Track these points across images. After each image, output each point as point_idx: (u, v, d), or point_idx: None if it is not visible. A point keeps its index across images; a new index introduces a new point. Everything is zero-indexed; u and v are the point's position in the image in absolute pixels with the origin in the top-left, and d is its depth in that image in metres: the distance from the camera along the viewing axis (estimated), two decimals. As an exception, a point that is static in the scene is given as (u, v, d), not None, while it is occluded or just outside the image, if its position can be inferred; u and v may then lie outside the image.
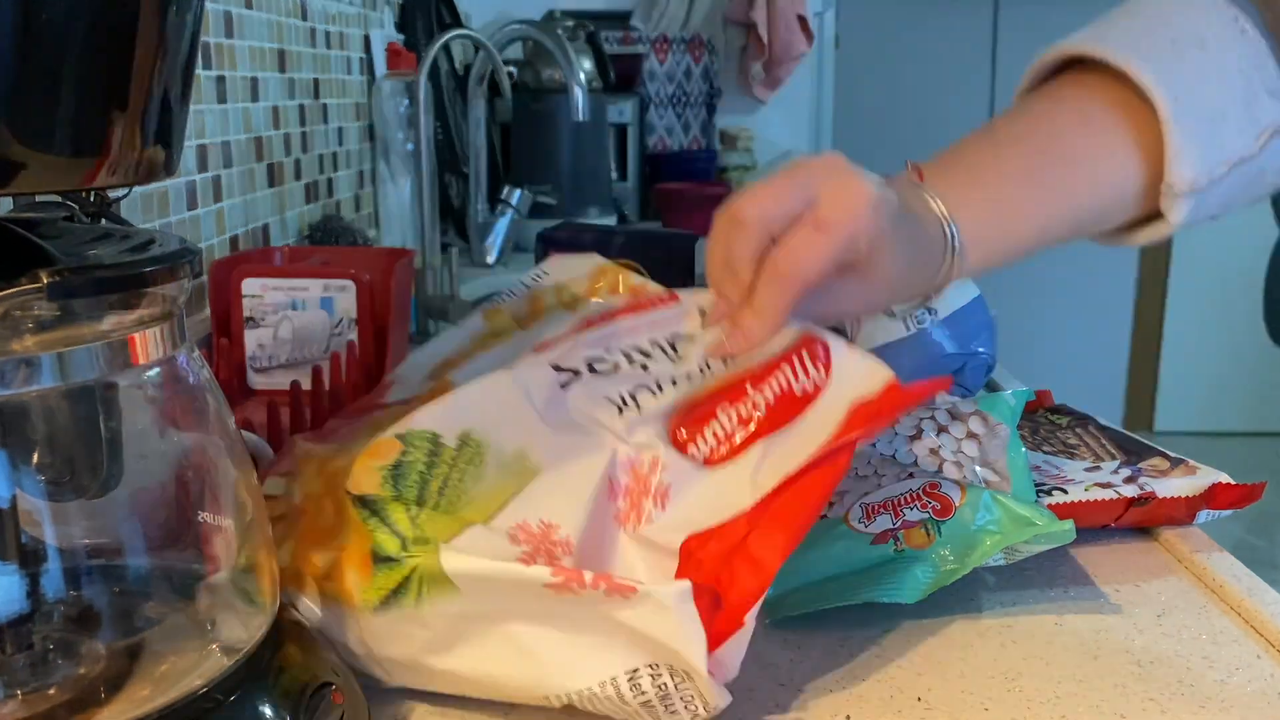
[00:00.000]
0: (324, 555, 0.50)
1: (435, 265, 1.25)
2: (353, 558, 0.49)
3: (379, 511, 0.49)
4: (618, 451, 0.52)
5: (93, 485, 0.43)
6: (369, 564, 0.48)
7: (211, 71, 1.13)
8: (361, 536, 0.49)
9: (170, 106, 0.41)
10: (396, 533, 0.48)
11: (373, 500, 0.49)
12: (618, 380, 0.55)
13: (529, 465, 0.51)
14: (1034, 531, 0.58)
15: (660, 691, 0.46)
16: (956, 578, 0.58)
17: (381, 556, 0.48)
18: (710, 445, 0.52)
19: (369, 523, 0.49)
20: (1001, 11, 3.82)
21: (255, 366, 1.01)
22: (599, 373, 0.56)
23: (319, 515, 0.52)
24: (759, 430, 0.52)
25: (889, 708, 0.51)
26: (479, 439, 0.51)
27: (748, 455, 0.51)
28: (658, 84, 2.27)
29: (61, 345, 0.38)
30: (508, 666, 0.48)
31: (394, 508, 0.49)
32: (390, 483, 0.49)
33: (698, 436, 0.52)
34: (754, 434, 0.52)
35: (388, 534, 0.48)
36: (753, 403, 0.52)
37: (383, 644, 0.49)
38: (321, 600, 0.51)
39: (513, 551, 0.48)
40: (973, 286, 0.95)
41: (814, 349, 0.54)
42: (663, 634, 0.44)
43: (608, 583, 0.45)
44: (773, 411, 0.52)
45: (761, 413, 0.52)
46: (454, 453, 0.51)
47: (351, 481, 0.50)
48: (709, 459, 0.52)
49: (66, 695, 0.41)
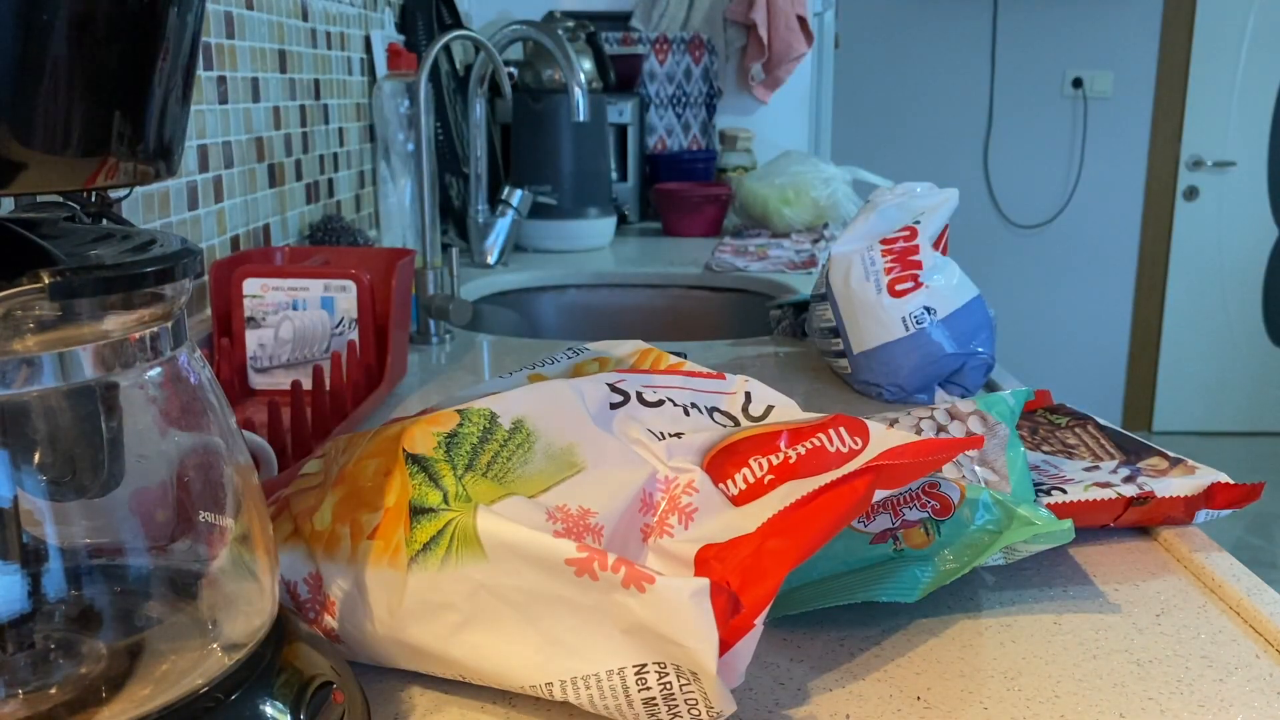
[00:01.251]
0: (365, 512, 0.52)
1: (436, 265, 1.25)
2: (395, 510, 0.51)
3: (428, 469, 0.52)
4: (658, 471, 0.55)
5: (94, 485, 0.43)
6: (408, 516, 0.51)
7: (212, 72, 1.13)
8: (405, 491, 0.51)
9: (171, 107, 0.41)
10: (440, 487, 0.51)
11: (424, 459, 0.52)
12: (660, 415, 0.59)
13: (576, 460, 0.53)
14: (1033, 531, 0.58)
15: (665, 690, 0.46)
16: (956, 577, 0.58)
17: (422, 508, 0.51)
18: (740, 488, 0.55)
19: (416, 478, 0.51)
20: (1001, 11, 3.82)
21: (256, 366, 1.01)
22: (647, 403, 0.59)
23: (360, 475, 0.54)
24: (786, 475, 0.54)
25: (888, 707, 0.51)
26: (531, 428, 0.55)
27: (772, 494, 0.53)
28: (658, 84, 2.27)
29: (63, 345, 0.38)
30: (518, 644, 0.49)
31: (443, 468, 0.52)
32: (444, 448, 0.53)
33: (728, 480, 0.55)
34: (780, 479, 0.54)
35: (432, 488, 0.51)
36: (785, 456, 0.55)
37: (406, 618, 0.50)
38: (355, 564, 0.52)
39: (547, 527, 0.50)
40: (972, 286, 0.95)
41: (853, 425, 0.57)
42: (676, 630, 0.45)
43: (628, 568, 0.46)
44: (803, 462, 0.55)
45: (792, 462, 0.55)
46: (506, 434, 0.54)
47: (407, 439, 0.53)
48: (736, 499, 0.54)
49: (67, 694, 0.41)
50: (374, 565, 0.51)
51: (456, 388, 1.06)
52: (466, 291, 1.60)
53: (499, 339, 1.28)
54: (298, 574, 0.54)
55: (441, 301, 1.22)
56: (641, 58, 2.24)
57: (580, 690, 0.48)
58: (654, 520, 0.53)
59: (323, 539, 0.54)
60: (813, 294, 1.07)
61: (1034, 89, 3.87)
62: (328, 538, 0.53)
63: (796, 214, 1.93)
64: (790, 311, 1.25)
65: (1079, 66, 3.84)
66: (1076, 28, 3.81)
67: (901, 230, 0.97)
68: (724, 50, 2.34)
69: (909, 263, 0.94)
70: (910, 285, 0.94)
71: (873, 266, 0.95)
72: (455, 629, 0.50)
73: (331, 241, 1.38)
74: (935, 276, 0.94)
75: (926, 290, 0.93)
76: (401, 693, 0.53)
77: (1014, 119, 3.90)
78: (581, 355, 0.70)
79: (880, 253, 0.96)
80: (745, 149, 2.31)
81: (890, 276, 0.94)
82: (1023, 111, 3.89)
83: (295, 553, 0.55)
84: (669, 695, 0.46)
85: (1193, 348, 4.04)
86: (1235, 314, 4.01)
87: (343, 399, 0.91)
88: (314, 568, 0.54)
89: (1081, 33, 3.81)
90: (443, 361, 1.17)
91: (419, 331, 1.25)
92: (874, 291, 0.94)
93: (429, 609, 0.50)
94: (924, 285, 0.93)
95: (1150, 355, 4.06)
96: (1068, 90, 3.86)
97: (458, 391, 0.68)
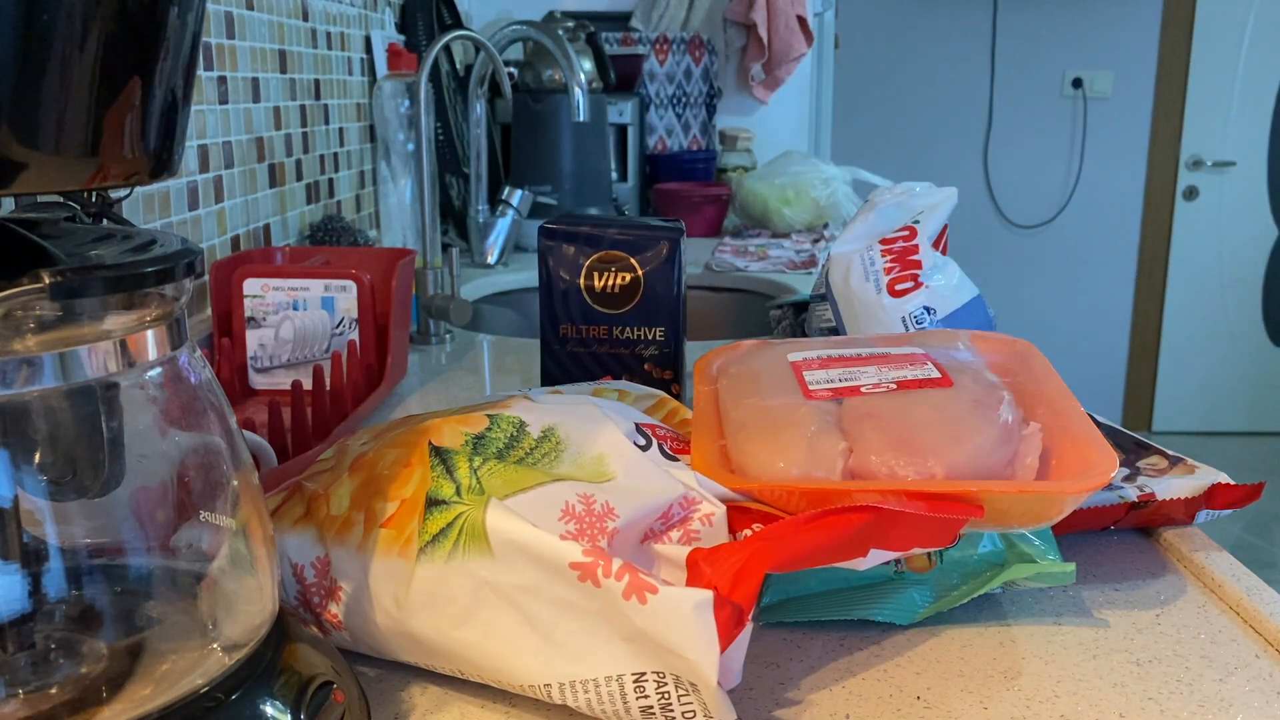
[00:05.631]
0: (380, 500, 0.53)
1: (436, 265, 1.25)
2: (411, 501, 0.52)
3: (447, 460, 0.52)
4: (689, 492, 0.55)
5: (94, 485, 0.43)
6: (423, 508, 0.51)
7: (213, 72, 1.13)
8: (425, 483, 0.52)
9: (172, 107, 0.41)
10: (454, 479, 0.51)
11: (445, 450, 0.53)
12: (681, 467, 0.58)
13: (607, 470, 0.53)
14: (1035, 570, 0.58)
15: (663, 700, 0.46)
16: (953, 605, 0.58)
17: (436, 499, 0.51)
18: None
19: (435, 469, 0.52)
20: (1001, 11, 3.82)
21: (256, 366, 1.02)
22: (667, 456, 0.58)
23: (379, 464, 0.55)
24: None
25: (888, 707, 0.51)
26: (561, 436, 0.55)
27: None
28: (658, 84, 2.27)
29: (63, 345, 0.38)
30: (518, 644, 0.49)
31: (459, 459, 0.52)
32: (470, 446, 0.53)
33: (740, 531, 0.55)
34: None
35: (447, 479, 0.52)
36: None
37: (412, 609, 0.50)
38: (365, 551, 0.52)
39: (557, 528, 0.49)
40: (972, 286, 0.95)
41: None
42: (677, 641, 0.45)
43: (631, 574, 0.46)
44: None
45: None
46: (534, 441, 0.54)
47: (435, 433, 0.54)
48: None
49: (68, 694, 0.41)
50: (384, 554, 0.51)
51: (457, 388, 1.06)
52: (466, 291, 1.60)
53: (499, 339, 1.28)
54: (306, 557, 0.54)
55: (441, 301, 1.22)
56: (641, 58, 2.24)
57: (579, 694, 0.48)
58: (659, 528, 0.53)
59: (336, 524, 0.54)
60: (813, 294, 1.07)
61: (1034, 89, 3.87)
62: (341, 522, 0.54)
63: (796, 214, 1.93)
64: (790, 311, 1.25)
65: (1079, 66, 3.84)
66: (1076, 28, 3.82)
67: (901, 230, 0.97)
68: (724, 50, 2.34)
69: (909, 262, 0.94)
70: (910, 285, 0.93)
71: (872, 266, 0.95)
72: (457, 624, 0.50)
73: (332, 241, 1.38)
74: (935, 276, 0.94)
75: (926, 290, 0.93)
76: (401, 692, 0.53)
77: (1014, 119, 3.90)
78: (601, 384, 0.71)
79: (880, 253, 0.96)
80: (745, 149, 2.31)
81: (890, 276, 0.94)
82: (1022, 111, 3.89)
83: (305, 535, 0.55)
84: (666, 705, 0.46)
85: (1193, 348, 4.05)
86: (1235, 314, 4.00)
87: (343, 399, 0.91)
88: (323, 551, 0.54)
89: (1081, 33, 3.81)
90: (443, 361, 1.17)
91: (419, 331, 1.25)
92: (874, 291, 0.94)
93: (434, 602, 0.50)
94: (924, 285, 0.93)
95: (1150, 355, 4.06)
96: (1068, 90, 3.86)
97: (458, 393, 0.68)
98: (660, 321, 0.85)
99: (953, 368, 0.63)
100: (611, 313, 0.85)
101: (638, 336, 0.85)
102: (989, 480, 0.55)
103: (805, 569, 0.51)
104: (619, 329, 0.85)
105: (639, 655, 0.46)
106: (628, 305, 0.85)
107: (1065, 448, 0.57)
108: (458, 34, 1.28)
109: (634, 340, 0.85)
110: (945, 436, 0.56)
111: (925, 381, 0.61)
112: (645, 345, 0.85)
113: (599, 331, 0.85)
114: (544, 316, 0.86)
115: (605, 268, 0.84)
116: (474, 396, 1.03)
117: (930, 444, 0.56)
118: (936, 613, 0.58)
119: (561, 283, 0.85)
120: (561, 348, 0.86)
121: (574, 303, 0.85)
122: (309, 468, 0.60)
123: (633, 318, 0.85)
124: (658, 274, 0.84)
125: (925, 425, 0.57)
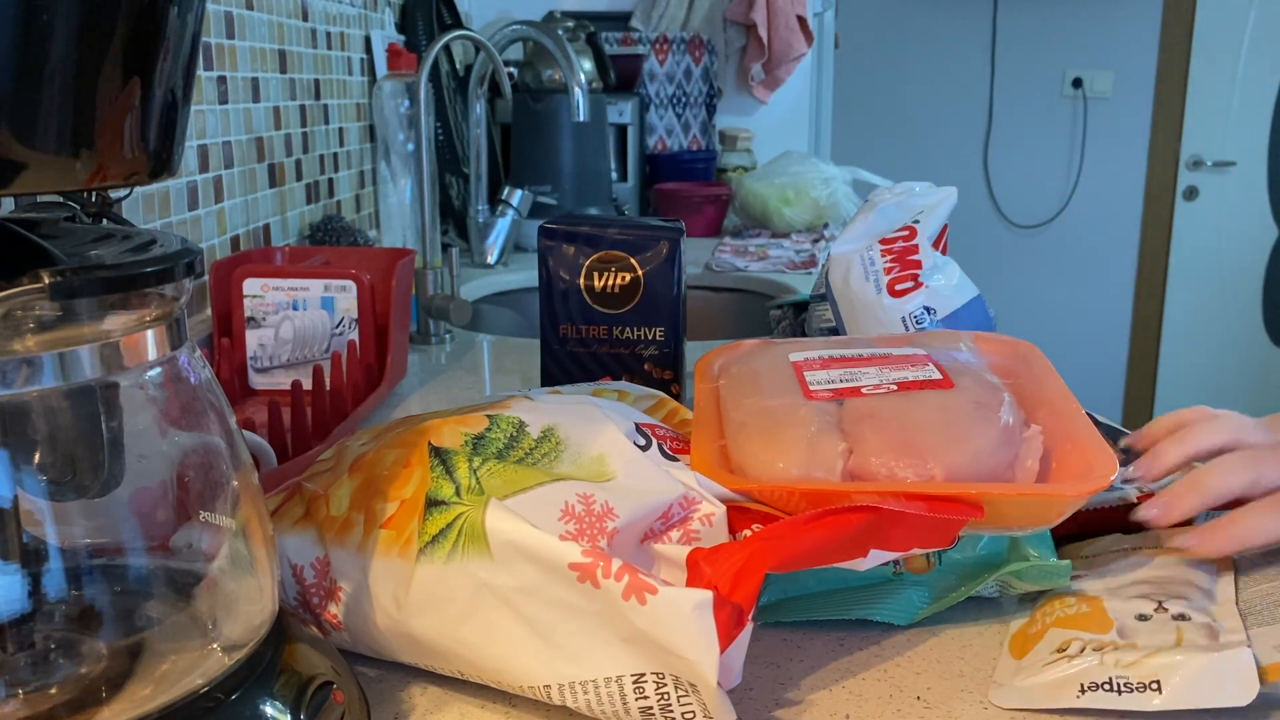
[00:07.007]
0: (380, 501, 0.53)
1: (436, 265, 1.25)
2: (411, 502, 0.52)
3: (447, 461, 0.52)
4: (689, 492, 0.54)
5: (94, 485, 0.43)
6: (423, 508, 0.51)
7: (213, 72, 1.13)
8: (425, 484, 0.52)
9: (172, 107, 0.41)
10: (454, 480, 0.51)
11: (445, 450, 0.53)
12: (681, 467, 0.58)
13: (606, 470, 0.53)
14: (1028, 566, 0.58)
15: (662, 701, 0.46)
16: (951, 604, 0.58)
17: (436, 500, 0.51)
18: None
19: (435, 470, 0.52)
20: (1001, 11, 3.82)
21: (256, 366, 1.02)
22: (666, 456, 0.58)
23: (379, 465, 0.55)
24: None
25: (888, 707, 0.51)
26: (561, 436, 0.55)
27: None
28: (658, 84, 2.27)
29: (63, 345, 0.38)
30: (518, 645, 0.49)
31: (459, 460, 0.52)
32: (470, 446, 0.53)
33: (739, 531, 0.55)
34: None
35: (446, 480, 0.51)
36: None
37: (411, 610, 0.50)
38: (365, 552, 0.52)
39: (557, 528, 0.49)
40: (972, 286, 0.95)
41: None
42: (677, 642, 0.45)
43: (631, 575, 0.45)
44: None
45: None
46: (534, 441, 0.54)
47: (434, 434, 0.54)
48: None
49: (68, 694, 0.41)
50: (384, 554, 0.51)
51: (457, 388, 1.06)
52: (466, 291, 1.60)
53: (499, 339, 1.28)
54: (305, 557, 0.54)
55: (441, 301, 1.22)
56: (641, 58, 2.24)
57: (578, 695, 0.48)
58: (659, 528, 0.53)
59: (336, 524, 0.54)
60: (812, 294, 1.07)
61: (1034, 89, 3.87)
62: (341, 523, 0.54)
63: (796, 214, 1.93)
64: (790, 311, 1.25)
65: (1079, 66, 3.84)
66: (1076, 28, 3.81)
67: (901, 230, 0.97)
68: (724, 50, 2.34)
69: (908, 262, 0.94)
70: (910, 285, 0.93)
71: (872, 266, 0.95)
72: (457, 624, 0.50)
73: (331, 241, 1.38)
74: (935, 276, 0.94)
75: (926, 290, 0.93)
76: (401, 692, 0.53)
77: (1014, 119, 3.90)
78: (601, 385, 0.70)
79: (880, 252, 0.96)
80: (745, 149, 2.31)
81: (890, 276, 0.94)
82: (1022, 111, 3.89)
83: (305, 536, 0.55)
84: (666, 706, 0.46)
85: (1193, 348, 4.04)
86: (1235, 314, 4.00)
87: (343, 399, 0.91)
88: (323, 552, 0.54)
89: (1081, 33, 3.81)
90: (443, 361, 1.17)
91: (419, 331, 1.25)
92: (874, 291, 0.94)
93: (434, 602, 0.50)
94: (924, 285, 0.93)
95: (1150, 355, 4.06)
96: (1068, 90, 3.86)
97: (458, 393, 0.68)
98: (660, 321, 0.85)
99: (954, 369, 0.63)
100: (611, 313, 0.85)
101: (638, 336, 0.85)
102: (989, 482, 0.55)
103: (805, 569, 0.51)
104: (619, 329, 0.85)
105: (638, 656, 0.46)
106: (628, 305, 0.85)
107: (1066, 450, 0.57)
108: (458, 34, 1.28)
109: (634, 340, 0.85)
110: (946, 438, 0.56)
111: (926, 383, 0.61)
112: (645, 345, 0.85)
113: (599, 331, 0.85)
114: (544, 316, 0.86)
115: (605, 268, 0.84)
116: (474, 396, 1.03)
117: (930, 446, 0.56)
118: (935, 612, 0.58)
119: (561, 283, 0.85)
120: (561, 348, 0.86)
121: (574, 303, 0.85)
122: (309, 468, 0.60)
123: (633, 318, 0.85)
124: (658, 274, 0.84)
125: (926, 427, 0.57)
